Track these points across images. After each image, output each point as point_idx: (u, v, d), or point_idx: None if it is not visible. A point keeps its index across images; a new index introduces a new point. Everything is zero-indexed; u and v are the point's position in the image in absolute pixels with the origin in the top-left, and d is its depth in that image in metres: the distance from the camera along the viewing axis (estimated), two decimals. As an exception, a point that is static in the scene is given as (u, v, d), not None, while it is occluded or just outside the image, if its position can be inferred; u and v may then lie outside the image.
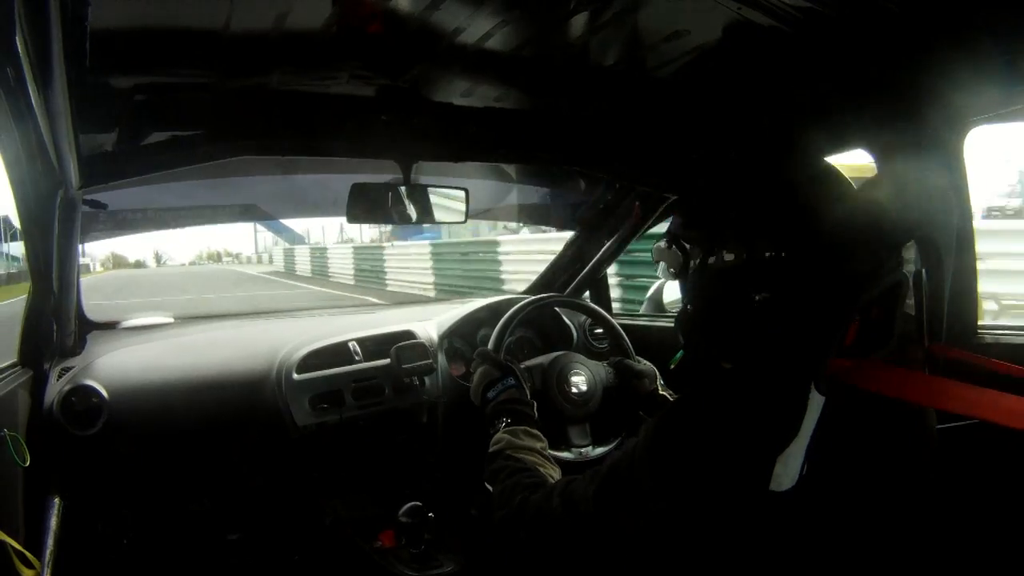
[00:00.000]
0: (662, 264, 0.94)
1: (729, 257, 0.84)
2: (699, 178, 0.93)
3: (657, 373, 1.57)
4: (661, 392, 1.54)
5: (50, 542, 1.37)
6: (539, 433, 1.19)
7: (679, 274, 0.92)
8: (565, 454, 1.51)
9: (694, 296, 0.91)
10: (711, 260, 0.86)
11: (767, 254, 0.81)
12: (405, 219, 1.59)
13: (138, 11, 1.03)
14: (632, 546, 0.83)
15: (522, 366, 1.56)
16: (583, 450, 1.54)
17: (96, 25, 0.90)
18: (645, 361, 1.64)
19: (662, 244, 0.93)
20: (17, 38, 0.71)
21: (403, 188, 1.56)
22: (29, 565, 1.10)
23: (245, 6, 1.03)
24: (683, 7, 1.08)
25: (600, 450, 1.55)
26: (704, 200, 0.91)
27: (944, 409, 0.74)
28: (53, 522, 1.41)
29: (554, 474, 1.08)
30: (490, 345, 1.55)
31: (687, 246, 0.90)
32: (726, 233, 0.84)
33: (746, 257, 0.82)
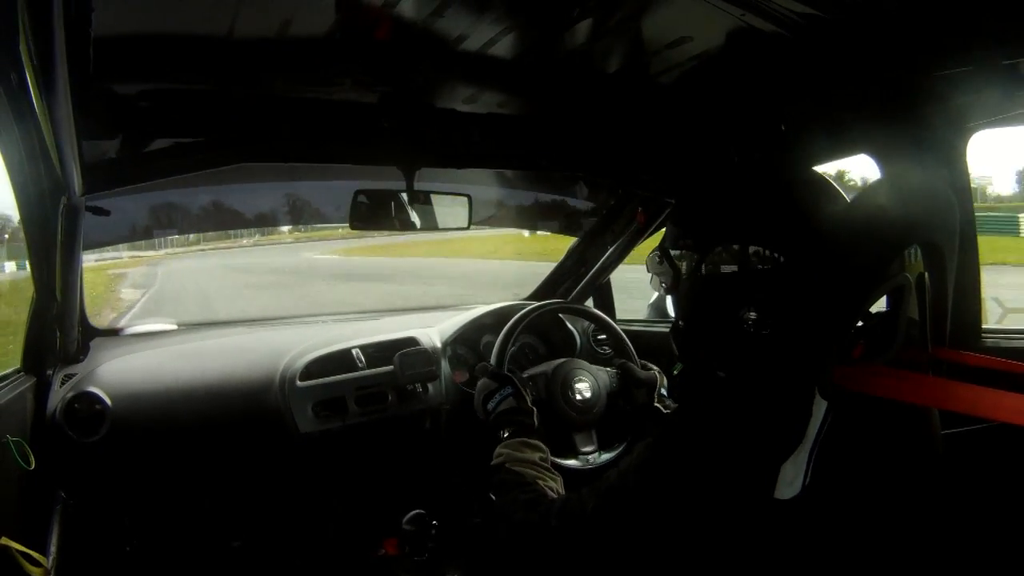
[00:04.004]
0: (655, 278, 0.95)
1: (723, 265, 0.84)
2: (700, 182, 0.93)
3: (658, 381, 1.56)
4: (656, 404, 1.53)
5: (53, 548, 1.37)
6: (538, 443, 1.19)
7: (671, 288, 0.92)
8: (572, 462, 1.51)
9: (687, 310, 0.91)
10: (704, 268, 0.86)
11: (762, 262, 0.81)
12: (408, 226, 1.58)
13: (142, 18, 1.04)
14: (633, 558, 0.83)
15: (525, 374, 1.56)
16: (590, 457, 1.55)
17: (100, 32, 0.90)
18: (652, 366, 1.63)
19: (655, 257, 0.93)
20: (20, 45, 0.71)
21: (406, 194, 1.55)
22: (36, 564, 1.10)
23: (249, 13, 1.04)
24: (686, 14, 1.08)
25: (606, 456, 1.56)
26: (703, 203, 0.90)
27: (948, 409, 0.74)
28: (56, 528, 1.40)
29: (552, 484, 1.08)
30: (492, 360, 1.55)
31: (679, 263, 0.90)
32: (721, 237, 0.84)
33: (740, 264, 0.82)
